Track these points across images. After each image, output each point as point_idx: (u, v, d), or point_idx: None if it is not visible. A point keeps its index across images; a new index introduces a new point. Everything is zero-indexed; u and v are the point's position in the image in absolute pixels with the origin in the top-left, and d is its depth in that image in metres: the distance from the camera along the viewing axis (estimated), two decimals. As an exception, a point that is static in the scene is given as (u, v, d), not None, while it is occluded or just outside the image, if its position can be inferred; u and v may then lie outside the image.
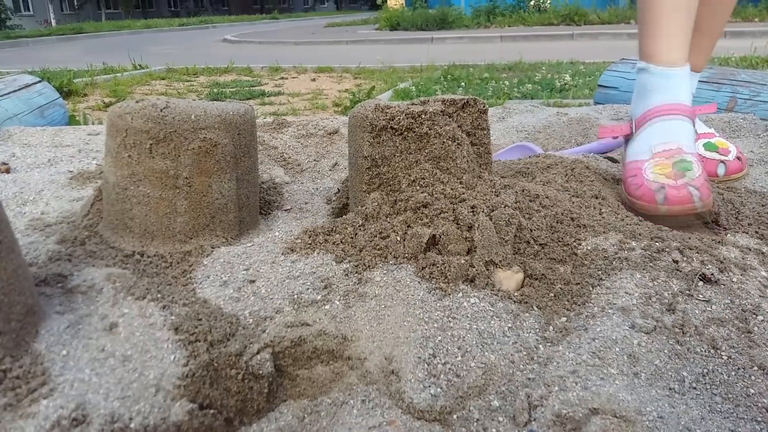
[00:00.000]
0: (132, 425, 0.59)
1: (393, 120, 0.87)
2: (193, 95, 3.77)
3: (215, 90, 3.89)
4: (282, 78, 4.71)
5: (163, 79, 4.69)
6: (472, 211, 0.81)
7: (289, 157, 1.43)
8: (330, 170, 1.35)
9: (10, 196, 1.14)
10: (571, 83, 3.44)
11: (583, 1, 10.62)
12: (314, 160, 1.43)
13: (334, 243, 0.85)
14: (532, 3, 12.04)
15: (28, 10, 27.53)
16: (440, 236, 0.79)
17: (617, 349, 0.66)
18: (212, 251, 0.88)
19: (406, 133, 0.88)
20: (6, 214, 0.68)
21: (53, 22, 26.35)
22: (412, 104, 0.90)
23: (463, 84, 3.66)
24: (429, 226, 0.81)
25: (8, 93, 1.79)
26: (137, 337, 0.67)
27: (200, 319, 0.70)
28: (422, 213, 0.83)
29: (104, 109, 3.13)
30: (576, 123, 1.54)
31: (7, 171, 1.37)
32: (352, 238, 0.84)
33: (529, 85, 3.46)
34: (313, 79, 4.56)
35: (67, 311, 0.71)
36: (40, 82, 1.99)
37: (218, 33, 14.03)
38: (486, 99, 3.03)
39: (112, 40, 12.65)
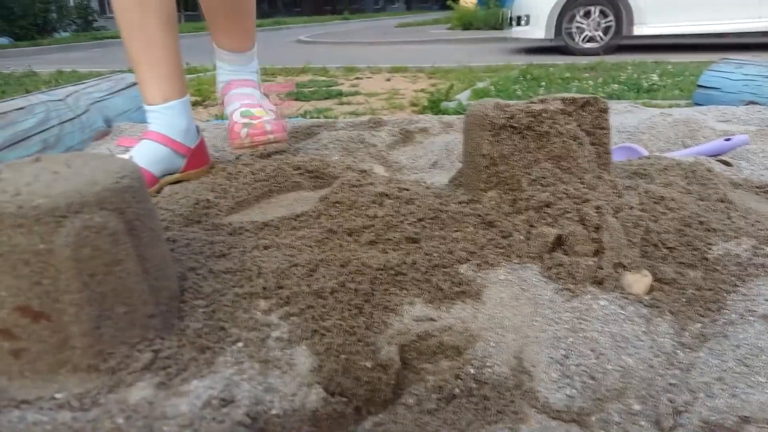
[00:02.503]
0: (273, 410, 0.62)
1: (513, 118, 0.87)
2: (274, 95, 3.87)
3: (294, 90, 3.97)
4: (357, 78, 4.76)
5: (243, 78, 4.81)
6: (598, 212, 0.79)
7: (388, 156, 1.45)
8: (429, 168, 1.36)
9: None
10: (660, 83, 3.31)
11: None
12: (411, 158, 1.44)
13: (454, 240, 0.85)
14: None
15: (112, 13, 28.97)
16: (566, 237, 0.78)
17: (764, 357, 0.63)
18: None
19: (525, 131, 0.87)
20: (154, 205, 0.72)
21: (135, 23, 27.52)
22: (532, 102, 0.90)
23: (543, 84, 3.59)
24: (553, 226, 0.80)
25: (118, 90, 1.89)
26: (274, 325, 0.70)
27: (334, 309, 0.72)
28: (545, 213, 0.82)
29: (192, 107, 3.25)
30: (682, 124, 1.47)
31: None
32: (473, 235, 0.84)
33: (615, 85, 3.35)
34: (388, 79, 4.58)
35: (203, 296, 0.74)
36: (143, 80, 2.09)
37: (291, 34, 14.30)
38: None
39: (191, 41, 13.07)
